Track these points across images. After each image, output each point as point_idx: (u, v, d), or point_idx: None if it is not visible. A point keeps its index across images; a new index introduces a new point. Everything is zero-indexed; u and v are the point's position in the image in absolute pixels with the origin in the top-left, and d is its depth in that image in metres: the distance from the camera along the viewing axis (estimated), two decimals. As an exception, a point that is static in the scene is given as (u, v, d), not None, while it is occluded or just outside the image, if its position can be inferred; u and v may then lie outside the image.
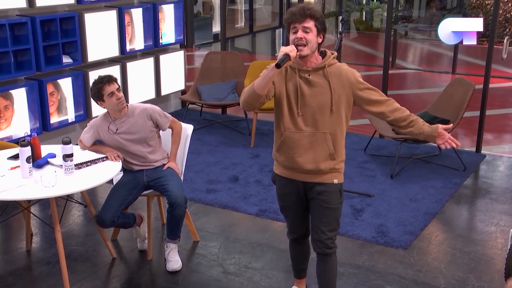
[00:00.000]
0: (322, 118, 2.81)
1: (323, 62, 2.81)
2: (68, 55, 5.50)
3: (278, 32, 14.26)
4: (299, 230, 3.12)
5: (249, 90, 2.73)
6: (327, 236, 2.94)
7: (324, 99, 2.80)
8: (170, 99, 7.11)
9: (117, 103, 3.55)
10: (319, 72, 2.81)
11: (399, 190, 4.86)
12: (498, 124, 6.99)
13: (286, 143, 2.86)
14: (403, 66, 10.50)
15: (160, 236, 4.12)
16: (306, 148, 2.84)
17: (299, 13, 2.72)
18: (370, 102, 2.86)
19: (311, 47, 2.75)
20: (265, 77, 2.68)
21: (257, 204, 4.59)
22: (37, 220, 4.27)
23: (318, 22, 2.75)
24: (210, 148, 5.83)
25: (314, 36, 2.74)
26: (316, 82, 2.80)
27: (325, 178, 2.89)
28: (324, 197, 2.90)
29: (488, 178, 5.24)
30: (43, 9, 5.22)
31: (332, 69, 2.82)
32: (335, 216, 2.95)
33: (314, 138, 2.82)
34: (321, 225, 2.94)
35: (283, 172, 2.98)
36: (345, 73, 2.83)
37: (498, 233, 4.21)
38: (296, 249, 3.23)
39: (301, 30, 2.72)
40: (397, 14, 12.39)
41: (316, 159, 2.84)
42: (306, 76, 2.81)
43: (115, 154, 3.59)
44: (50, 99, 5.32)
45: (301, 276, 3.35)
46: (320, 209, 2.92)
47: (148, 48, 6.36)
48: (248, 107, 2.78)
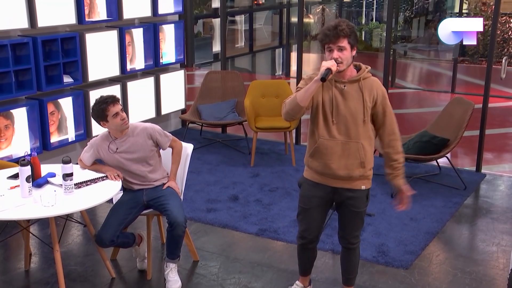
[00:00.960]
0: (354, 128, 3.01)
1: (359, 75, 3.01)
2: (69, 75, 5.53)
3: (278, 51, 14.33)
4: (311, 235, 3.26)
5: (292, 103, 2.93)
6: (353, 234, 3.24)
7: (357, 110, 2.99)
8: (170, 118, 7.13)
9: (121, 124, 3.56)
10: (354, 84, 3.01)
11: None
12: (497, 144, 7.00)
13: (320, 149, 3.05)
14: (402, 86, 10.54)
15: (160, 255, 4.10)
16: (339, 155, 3.03)
17: (333, 35, 2.88)
18: (381, 124, 3.07)
19: (347, 63, 2.94)
20: (308, 90, 2.88)
21: (257, 224, 4.58)
22: (36, 240, 4.25)
23: (351, 38, 2.91)
24: (210, 167, 5.83)
25: (348, 52, 2.93)
26: (350, 94, 3.00)
27: (355, 184, 3.10)
28: (352, 202, 3.13)
29: (488, 197, 5.23)
30: (45, 29, 5.26)
31: (366, 82, 3.02)
32: (361, 217, 3.21)
33: (347, 146, 3.02)
34: (348, 225, 3.21)
35: (314, 176, 3.16)
36: (376, 87, 3.03)
37: (499, 253, 4.19)
38: (304, 254, 3.40)
39: (336, 50, 2.90)
40: (396, 34, 12.47)
41: (348, 166, 3.04)
42: (342, 87, 3.00)
43: (115, 173, 3.59)
44: (50, 118, 5.33)
45: (306, 274, 3.51)
46: (349, 212, 3.17)
47: (148, 67, 6.39)
48: (291, 118, 3.00)
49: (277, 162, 5.97)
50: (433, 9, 14.17)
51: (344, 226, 3.24)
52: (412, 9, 14.18)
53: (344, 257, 3.36)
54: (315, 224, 3.23)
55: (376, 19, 15.18)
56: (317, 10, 14.81)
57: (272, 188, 5.28)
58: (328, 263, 4.00)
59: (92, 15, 5.65)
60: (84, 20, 5.52)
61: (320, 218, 3.23)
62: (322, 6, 14.86)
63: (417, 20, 14.07)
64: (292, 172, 5.68)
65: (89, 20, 5.60)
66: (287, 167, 5.83)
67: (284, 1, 14.82)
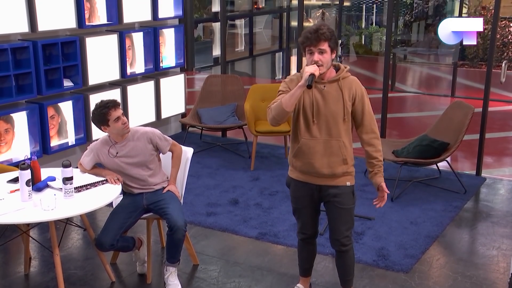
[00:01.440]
0: (335, 126, 3.07)
1: (338, 75, 3.07)
2: (69, 79, 5.54)
3: (278, 55, 14.34)
4: (309, 231, 3.36)
5: (277, 108, 2.99)
6: (344, 234, 3.23)
7: (337, 109, 3.06)
8: (170, 122, 7.13)
9: (123, 128, 3.56)
10: (333, 84, 3.08)
11: (399, 213, 4.84)
12: (497, 147, 7.00)
13: (302, 149, 3.12)
14: (402, 89, 10.55)
15: (160, 259, 4.09)
16: (321, 154, 3.09)
17: (314, 38, 2.96)
18: (360, 122, 3.13)
19: (326, 65, 3.02)
20: (293, 95, 2.94)
21: (257, 227, 4.57)
22: (35, 244, 4.24)
23: (331, 41, 2.99)
24: (210, 171, 5.83)
25: (329, 55, 3.01)
26: (330, 93, 3.07)
27: (339, 181, 3.15)
28: (338, 199, 3.16)
29: (488, 201, 5.22)
30: (45, 33, 5.27)
31: (345, 81, 3.09)
32: (350, 216, 3.23)
33: (329, 144, 3.08)
34: (337, 224, 3.23)
35: (299, 176, 3.22)
36: (355, 85, 3.11)
37: (499, 257, 4.18)
38: (304, 248, 3.45)
39: (317, 52, 2.97)
40: (396, 38, 12.49)
41: (331, 164, 3.10)
42: (322, 87, 3.07)
43: (115, 177, 3.59)
44: (50, 122, 5.33)
45: (307, 274, 3.56)
46: (335, 210, 3.19)
47: (148, 71, 6.40)
48: (277, 123, 3.04)
49: (277, 166, 5.97)
50: (433, 13, 14.19)
51: (333, 226, 3.26)
52: (412, 13, 14.20)
53: (338, 261, 3.38)
54: (310, 220, 3.33)
55: (376, 23, 15.19)
56: (317, 14, 14.83)
57: (272, 192, 5.28)
58: (328, 267, 3.99)
59: (93, 19, 5.66)
60: (85, 24, 5.53)
61: (314, 214, 3.32)
62: (322, 10, 14.88)
63: (417, 24, 14.09)
64: (292, 176, 5.67)
65: (90, 24, 5.61)
66: (287, 171, 5.80)
67: (284, 5, 14.84)
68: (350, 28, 15.02)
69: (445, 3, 14.33)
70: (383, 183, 3.18)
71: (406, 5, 14.34)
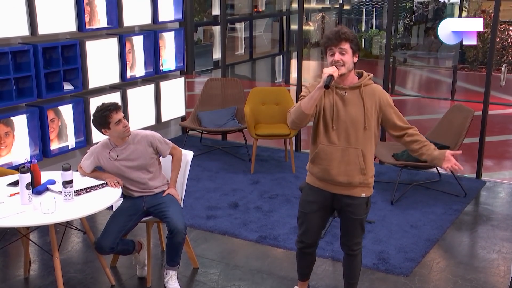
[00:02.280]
0: (355, 134, 3.04)
1: (360, 82, 3.04)
2: (69, 82, 5.54)
3: (278, 59, 14.36)
4: (309, 240, 3.30)
5: (297, 111, 2.96)
6: (354, 241, 3.26)
7: (357, 116, 3.03)
8: (170, 126, 7.13)
9: (124, 131, 3.56)
10: (355, 90, 3.04)
11: (399, 216, 4.84)
12: (497, 151, 7.00)
13: (320, 155, 3.09)
14: (402, 93, 10.56)
15: (160, 263, 4.09)
16: (339, 161, 3.06)
17: (335, 38, 2.95)
18: (394, 127, 3.12)
19: (348, 66, 2.98)
20: (312, 97, 2.91)
21: (257, 231, 4.57)
22: (35, 247, 4.24)
23: (353, 43, 2.98)
24: (210, 174, 5.83)
25: (350, 56, 2.98)
26: (351, 100, 3.04)
27: (354, 191, 3.12)
28: (352, 209, 3.15)
29: (489, 204, 5.22)
30: (45, 37, 5.27)
31: (367, 89, 3.06)
32: (361, 224, 3.23)
33: (347, 152, 3.05)
34: (348, 232, 3.24)
35: (315, 182, 3.19)
36: (378, 93, 3.08)
37: (500, 260, 4.18)
38: (303, 257, 3.43)
39: (338, 52, 2.95)
40: (395, 41, 12.50)
41: (348, 172, 3.07)
42: (342, 93, 3.05)
43: (115, 181, 3.59)
44: (50, 125, 5.33)
45: (305, 278, 3.54)
46: (348, 220, 3.20)
47: (148, 75, 6.41)
48: (297, 126, 3.03)
49: (277, 169, 5.97)
50: (433, 17, 14.21)
51: (345, 232, 3.27)
52: (412, 17, 14.22)
53: (346, 263, 3.39)
54: (314, 229, 3.26)
55: (375, 26, 15.21)
56: (317, 18, 14.86)
57: (272, 195, 5.28)
58: (328, 270, 3.99)
59: (93, 23, 5.66)
60: (85, 27, 5.54)
61: (319, 223, 3.26)
62: (322, 13, 14.90)
63: (417, 27, 14.11)
64: (292, 179, 5.67)
65: (90, 27, 5.62)
66: (287, 174, 5.83)
67: (284, 9, 14.86)
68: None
69: (445, 6, 14.35)
70: (448, 150, 3.10)
71: (406, 8, 14.36)
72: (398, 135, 3.14)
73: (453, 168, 3.05)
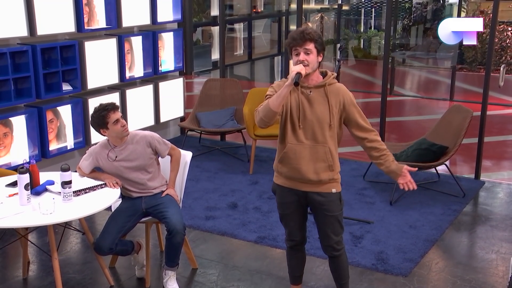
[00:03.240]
0: (321, 132, 3.07)
1: (324, 81, 3.08)
2: (68, 83, 5.54)
3: (276, 59, 14.37)
4: (297, 237, 3.33)
5: (265, 109, 2.99)
6: (334, 240, 3.23)
7: (323, 115, 3.06)
8: (169, 126, 7.13)
9: (122, 130, 3.56)
10: (320, 89, 3.08)
11: (398, 217, 4.84)
12: (496, 151, 7.00)
13: (289, 154, 3.10)
14: (401, 93, 10.56)
15: (159, 263, 4.09)
16: (308, 159, 3.08)
17: (299, 38, 2.98)
18: (357, 126, 3.14)
19: (312, 66, 3.01)
20: (280, 95, 2.93)
21: (256, 231, 4.57)
22: (34, 248, 4.24)
23: (317, 43, 3.01)
24: (209, 175, 5.83)
25: (314, 56, 3.01)
26: (316, 99, 3.07)
27: (325, 188, 3.14)
28: (326, 207, 3.15)
29: (487, 205, 5.23)
30: (44, 37, 5.27)
31: (332, 88, 3.09)
32: (338, 221, 3.22)
33: (315, 150, 3.08)
34: (327, 232, 3.22)
35: (285, 182, 3.19)
36: (342, 93, 3.11)
37: (499, 260, 4.18)
38: (293, 255, 3.43)
39: (303, 52, 2.98)
40: (394, 41, 12.51)
41: (317, 170, 3.09)
42: (308, 92, 3.07)
43: (113, 181, 3.59)
44: (49, 126, 5.33)
45: (297, 282, 3.52)
46: (324, 218, 3.19)
47: (147, 75, 6.40)
48: (265, 124, 3.04)
49: (276, 170, 5.97)
50: (431, 17, 14.22)
51: (324, 234, 3.24)
52: (411, 17, 14.24)
53: (332, 266, 3.37)
54: (297, 226, 3.30)
55: (374, 27, 15.23)
56: (316, 18, 14.87)
57: (271, 196, 5.28)
58: (326, 270, 3.98)
59: (91, 23, 5.66)
60: (83, 28, 5.53)
61: (301, 220, 3.30)
62: (321, 14, 14.91)
63: (416, 28, 14.13)
64: (291, 180, 5.67)
65: (88, 28, 5.61)
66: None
67: (283, 9, 14.87)
68: (349, 32, 15.05)
69: (444, 7, 14.37)
70: (405, 165, 3.16)
71: (405, 9, 14.37)
72: (360, 136, 3.14)
73: (407, 185, 3.16)
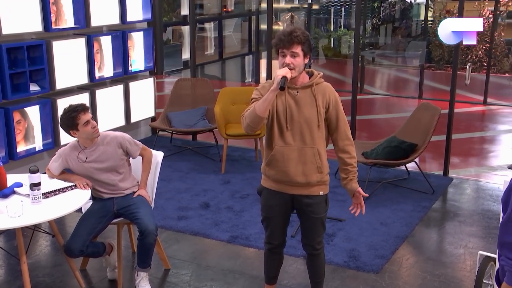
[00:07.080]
0: (309, 133, 3.02)
1: (311, 81, 3.03)
2: (36, 83, 5.45)
3: (247, 58, 14.38)
4: (277, 241, 3.30)
5: (252, 115, 2.93)
6: (316, 240, 3.24)
7: (311, 115, 3.01)
8: (140, 126, 7.07)
9: (92, 132, 3.52)
10: (307, 90, 3.03)
11: (369, 214, 4.89)
12: (464, 148, 7.14)
13: (276, 157, 3.05)
14: (371, 92, 10.68)
15: (131, 264, 4.05)
16: (296, 161, 3.04)
17: (287, 40, 2.91)
18: (335, 129, 3.10)
19: (298, 69, 2.97)
20: (266, 100, 2.89)
21: (229, 231, 4.57)
22: (1, 252, 4.16)
23: (305, 46, 2.95)
24: (181, 175, 5.80)
25: (301, 59, 2.96)
26: (303, 99, 3.02)
27: (313, 190, 3.11)
28: (312, 208, 3.14)
29: (456, 201, 5.33)
30: (10, 36, 5.17)
31: (319, 87, 3.05)
32: (322, 222, 3.22)
33: (303, 152, 3.03)
34: (310, 232, 3.22)
35: (272, 185, 3.16)
36: (329, 92, 3.07)
37: (466, 255, 4.27)
38: (271, 258, 3.41)
39: (289, 55, 2.93)
40: (364, 41, 12.65)
41: (306, 172, 3.05)
42: (295, 93, 3.03)
43: (84, 182, 3.54)
44: (16, 127, 5.23)
45: (272, 282, 3.50)
46: (309, 219, 3.18)
47: (117, 75, 6.34)
48: (253, 130, 2.99)
49: (248, 169, 5.98)
50: (400, 16, 14.42)
51: (306, 233, 3.24)
52: (379, 16, 14.41)
53: (310, 263, 3.38)
54: (279, 230, 3.27)
55: (344, 26, 15.37)
56: (286, 17, 14.92)
57: (243, 195, 5.28)
58: (300, 269, 4.01)
59: (59, 23, 5.58)
60: (51, 27, 5.45)
61: (283, 224, 3.27)
62: (291, 13, 14.97)
63: (384, 27, 14.30)
64: (263, 179, 5.68)
65: (56, 27, 5.53)
66: (257, 174, 5.80)
67: (253, 9, 14.88)
68: (319, 31, 15.15)
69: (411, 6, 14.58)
70: (359, 189, 3.15)
71: (374, 8, 14.54)
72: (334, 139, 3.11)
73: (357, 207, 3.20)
